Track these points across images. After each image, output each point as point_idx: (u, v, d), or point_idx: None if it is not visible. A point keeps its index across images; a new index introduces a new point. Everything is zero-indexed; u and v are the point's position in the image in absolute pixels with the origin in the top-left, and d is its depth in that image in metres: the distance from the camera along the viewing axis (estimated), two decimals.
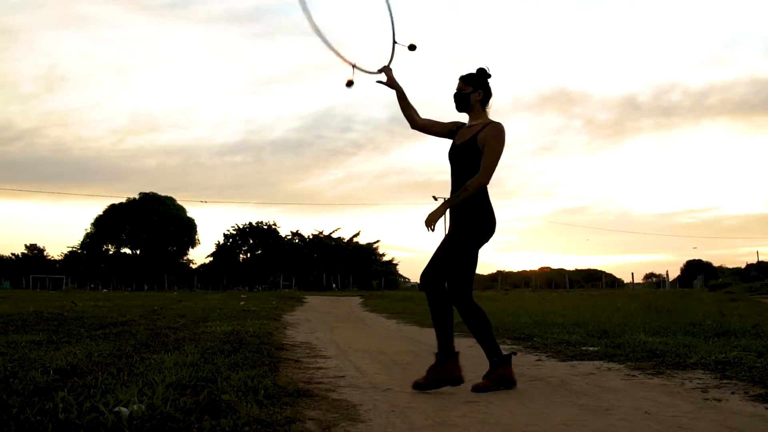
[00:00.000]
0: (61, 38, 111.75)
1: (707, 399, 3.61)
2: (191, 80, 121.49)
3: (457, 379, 4.16)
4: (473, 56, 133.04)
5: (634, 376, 4.53)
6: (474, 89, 4.53)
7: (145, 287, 60.32)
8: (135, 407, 2.76)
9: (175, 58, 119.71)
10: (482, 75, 4.58)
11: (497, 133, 4.39)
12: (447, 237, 4.37)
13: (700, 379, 4.29)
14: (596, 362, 5.30)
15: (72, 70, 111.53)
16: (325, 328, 10.22)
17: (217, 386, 3.44)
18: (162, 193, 70.94)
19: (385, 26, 5.33)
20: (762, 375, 4.17)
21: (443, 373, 4.15)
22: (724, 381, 4.15)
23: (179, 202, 71.01)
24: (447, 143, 4.71)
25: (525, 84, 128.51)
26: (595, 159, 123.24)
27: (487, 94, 4.56)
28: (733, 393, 3.75)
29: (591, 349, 6.13)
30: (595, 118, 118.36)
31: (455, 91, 4.60)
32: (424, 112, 4.80)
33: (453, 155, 4.57)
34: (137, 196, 69.76)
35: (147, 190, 70.46)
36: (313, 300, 26.39)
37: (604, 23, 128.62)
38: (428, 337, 8.41)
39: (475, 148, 4.37)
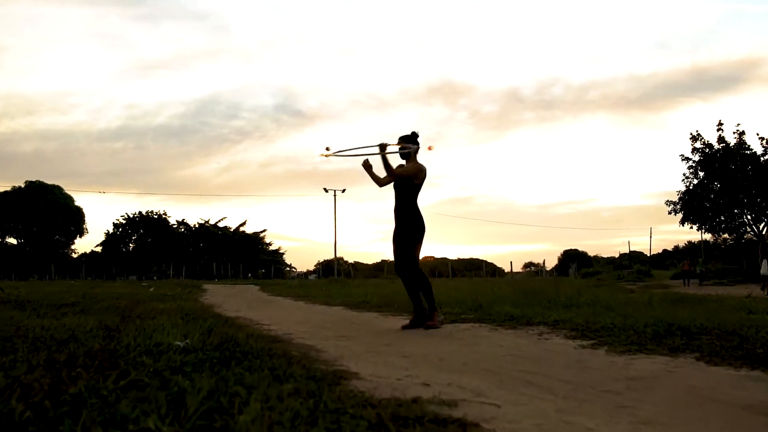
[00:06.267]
0: None
1: (540, 338, 5.64)
2: (71, 63, 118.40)
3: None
4: (360, 46, 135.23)
5: (496, 329, 6.57)
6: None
7: (30, 277, 59.70)
8: (188, 341, 4.46)
9: (54, 39, 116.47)
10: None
11: None
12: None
13: (540, 329, 6.35)
14: (472, 324, 7.28)
15: None
16: (245, 308, 11.83)
17: (223, 333, 5.17)
18: (41, 179, 69.90)
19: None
20: (578, 326, 6.24)
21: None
22: (555, 330, 6.22)
23: (67, 192, 70.22)
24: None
25: (412, 75, 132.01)
26: (479, 150, 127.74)
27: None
28: (557, 336, 5.79)
29: (469, 317, 8.11)
30: (480, 110, 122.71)
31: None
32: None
33: None
34: (22, 185, 68.60)
35: (23, 176, 69.59)
36: (213, 287, 27.73)
37: (490, 17, 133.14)
38: (338, 312, 10.23)
39: None
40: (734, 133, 44.35)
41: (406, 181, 7.15)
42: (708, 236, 54.03)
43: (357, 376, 3.61)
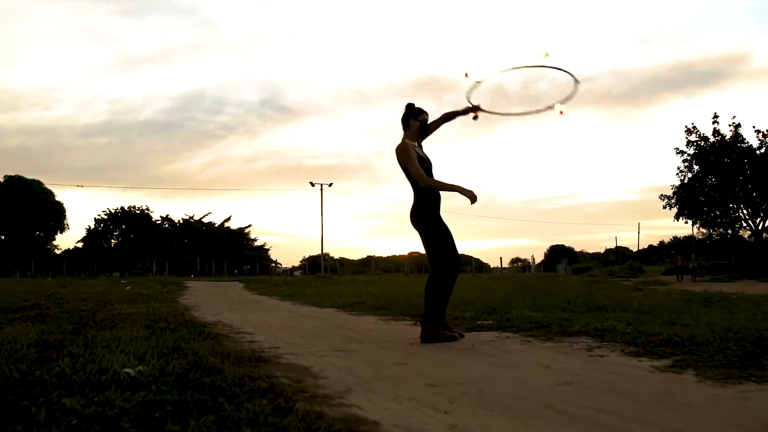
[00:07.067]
0: None
1: (592, 356, 4.47)
2: (55, 57, 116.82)
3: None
4: (346, 41, 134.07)
5: (528, 341, 5.37)
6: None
7: (12, 273, 58.30)
8: (141, 368, 3.30)
9: (39, 33, 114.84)
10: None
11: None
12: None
13: (584, 342, 5.17)
14: (493, 332, 6.12)
15: None
16: (226, 310, 10.66)
17: (192, 352, 4.00)
18: (24, 174, 68.03)
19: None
20: (633, 338, 5.10)
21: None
22: (604, 343, 5.05)
23: (47, 186, 68.41)
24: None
25: (398, 70, 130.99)
26: (464, 145, 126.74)
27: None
28: (612, 351, 4.63)
29: (485, 322, 6.97)
30: (465, 105, 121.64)
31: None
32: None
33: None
34: (1, 179, 66.83)
35: (6, 171, 67.47)
36: (195, 285, 26.46)
37: (475, 12, 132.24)
38: (331, 315, 9.06)
39: None
40: (730, 125, 43.49)
41: None
42: (695, 231, 53.49)
43: (378, 428, 2.47)
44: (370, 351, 5.01)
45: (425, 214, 5.72)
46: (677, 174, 45.22)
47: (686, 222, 46.39)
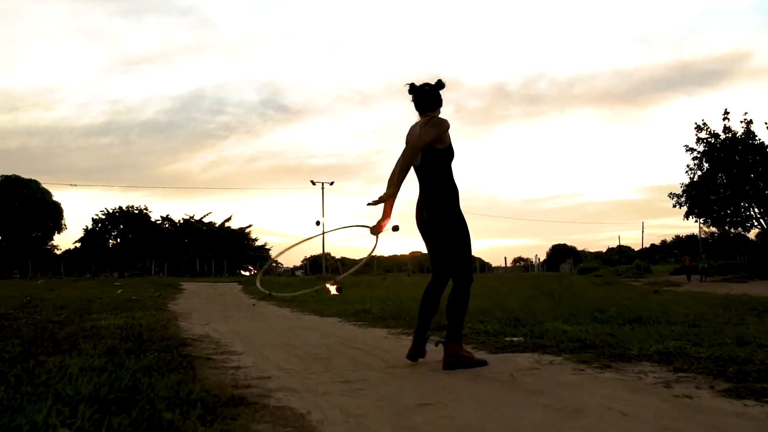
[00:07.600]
0: None
1: (676, 395, 3.38)
2: (54, 58, 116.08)
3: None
4: (346, 41, 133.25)
5: (581, 369, 4.27)
6: None
7: (12, 274, 57.36)
8: None
9: (37, 34, 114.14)
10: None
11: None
12: None
13: (652, 372, 4.07)
14: (530, 355, 5.05)
15: None
16: (218, 318, 9.71)
17: (147, 399, 2.97)
18: (25, 175, 66.83)
19: None
20: (716, 367, 4.03)
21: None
22: (681, 375, 3.94)
23: (44, 186, 67.22)
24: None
25: (398, 70, 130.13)
26: (464, 145, 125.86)
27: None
28: (697, 387, 3.54)
29: (515, 339, 5.94)
30: (466, 105, 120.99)
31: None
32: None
33: None
34: None
35: (7, 173, 66.34)
36: (192, 287, 25.53)
37: (476, 12, 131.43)
38: (334, 327, 8.09)
39: None
40: (742, 122, 42.38)
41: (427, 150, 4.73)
42: (698, 230, 52.69)
43: None
44: (384, 382, 3.98)
45: (449, 211, 4.68)
46: (687, 172, 44.09)
47: (696, 221, 45.35)
